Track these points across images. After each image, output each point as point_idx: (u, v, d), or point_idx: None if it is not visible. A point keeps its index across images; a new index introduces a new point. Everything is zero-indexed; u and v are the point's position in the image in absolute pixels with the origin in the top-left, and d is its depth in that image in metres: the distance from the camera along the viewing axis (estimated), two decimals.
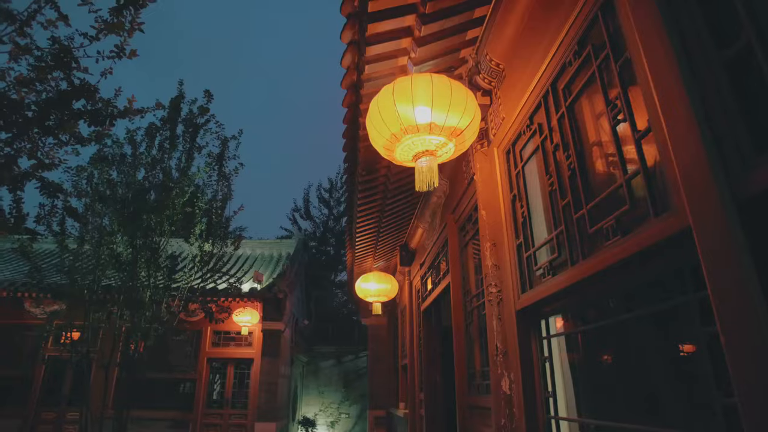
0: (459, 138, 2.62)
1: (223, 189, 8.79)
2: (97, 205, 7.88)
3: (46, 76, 4.45)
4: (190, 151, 8.30)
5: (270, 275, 11.68)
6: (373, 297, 7.35)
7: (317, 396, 15.68)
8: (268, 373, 10.35)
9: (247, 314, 10.27)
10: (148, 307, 7.81)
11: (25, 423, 10.23)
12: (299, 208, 24.06)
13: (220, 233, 8.76)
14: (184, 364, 10.69)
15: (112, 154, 7.95)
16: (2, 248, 12.98)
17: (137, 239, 7.69)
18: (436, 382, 6.23)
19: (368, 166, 4.39)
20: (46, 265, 10.46)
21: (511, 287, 2.88)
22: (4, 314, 10.77)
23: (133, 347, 7.88)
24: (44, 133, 4.68)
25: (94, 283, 7.86)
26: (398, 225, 6.61)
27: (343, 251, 21.85)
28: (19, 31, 4.22)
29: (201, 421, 10.28)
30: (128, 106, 5.18)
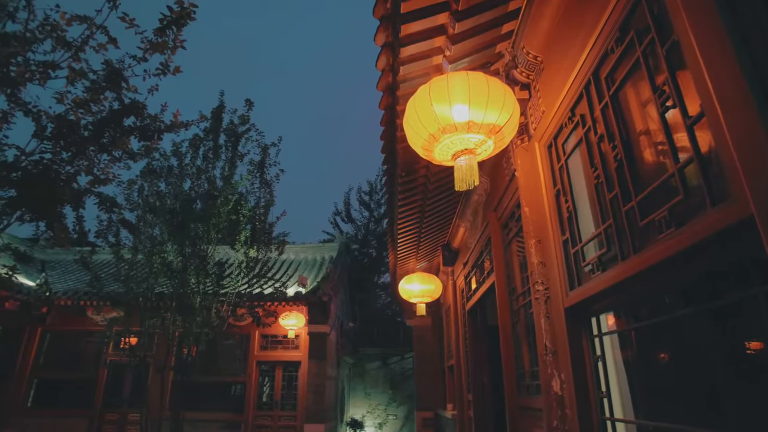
0: (498, 135, 2.58)
1: (266, 195, 9.02)
2: (148, 216, 8.26)
3: (100, 96, 4.71)
4: (232, 160, 8.57)
5: (314, 279, 11.86)
6: (417, 298, 7.33)
7: (364, 398, 15.77)
8: (316, 375, 10.51)
9: (293, 318, 10.47)
10: (199, 313, 8.11)
11: (92, 422, 10.84)
12: (340, 212, 24.35)
13: (264, 239, 8.98)
14: (234, 368, 11.02)
15: (160, 166, 8.32)
16: (65, 260, 13.81)
17: (186, 247, 8.01)
18: (483, 382, 6.14)
19: (407, 167, 4.39)
20: (104, 274, 11.04)
21: (559, 284, 2.80)
22: (68, 321, 11.46)
23: (186, 351, 8.19)
24: (100, 151, 4.95)
25: (148, 290, 8.23)
26: (439, 225, 6.56)
27: (385, 253, 21.92)
28: (74, 57, 4.49)
29: (252, 422, 10.55)
30: (174, 120, 5.40)
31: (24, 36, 4.25)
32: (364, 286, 20.77)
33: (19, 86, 4.37)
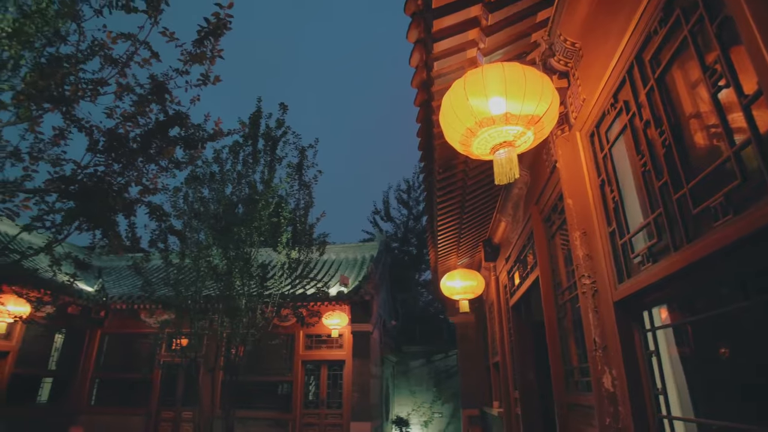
0: (537, 125, 2.52)
1: (305, 197, 9.17)
2: (193, 222, 8.56)
3: (146, 109, 4.92)
4: (271, 164, 8.76)
5: (355, 278, 11.96)
6: (460, 294, 7.26)
7: (409, 396, 15.78)
8: (360, 374, 10.60)
9: (336, 317, 10.60)
10: (245, 314, 8.33)
11: (149, 420, 11.36)
12: (379, 211, 24.44)
13: (305, 240, 9.13)
14: (280, 367, 11.26)
15: (203, 173, 8.60)
16: (119, 266, 14.52)
17: (230, 251, 8.25)
18: (530, 379, 6.01)
19: (445, 162, 4.35)
20: (155, 279, 11.53)
21: (607, 277, 2.70)
22: (124, 324, 12.06)
23: (234, 352, 8.44)
24: (147, 161, 5.17)
25: (196, 293, 8.54)
26: (480, 220, 6.48)
27: (426, 250, 21.82)
28: (120, 72, 4.71)
29: (299, 421, 10.76)
30: (216, 128, 5.57)
31: (75, 56, 4.49)
32: (405, 285, 20.78)
33: (73, 104, 4.62)
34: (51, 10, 4.10)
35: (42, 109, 4.44)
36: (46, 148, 4.58)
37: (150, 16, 4.49)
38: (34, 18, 3.99)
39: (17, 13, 3.97)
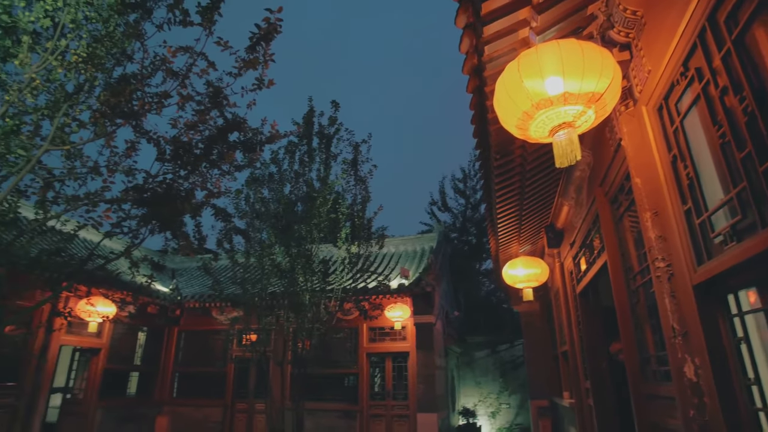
0: (599, 103, 2.38)
1: (361, 192, 9.25)
2: (255, 222, 8.89)
3: (206, 117, 5.15)
4: (326, 161, 8.90)
5: (416, 270, 11.97)
6: (523, 283, 7.08)
7: (475, 387, 15.62)
8: (424, 365, 10.61)
9: (398, 309, 10.66)
10: (309, 309, 8.56)
11: (225, 411, 12.01)
12: (436, 202, 24.25)
13: (364, 234, 9.23)
14: (346, 360, 11.50)
15: (261, 174, 8.89)
16: (190, 267, 15.37)
17: (292, 248, 8.49)
18: (602, 369, 5.76)
19: (501, 148, 4.23)
20: (223, 278, 12.11)
21: (684, 260, 2.52)
22: (198, 322, 12.78)
23: (300, 346, 8.71)
24: (211, 166, 5.43)
25: (262, 290, 8.87)
26: (541, 205, 6.26)
27: (485, 239, 21.45)
28: (181, 84, 4.95)
29: (366, 412, 10.95)
30: (273, 131, 5.74)
31: (141, 73, 4.78)
32: (466, 275, 20.54)
33: (141, 117, 4.92)
34: (118, 32, 4.37)
35: (115, 124, 4.76)
36: (121, 161, 4.92)
37: (205, 28, 4.69)
38: (104, 41, 4.27)
39: (89, 39, 4.26)
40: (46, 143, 4.31)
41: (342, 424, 10.93)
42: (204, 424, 12.05)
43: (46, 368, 9.50)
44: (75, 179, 4.74)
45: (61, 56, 4.17)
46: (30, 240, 4.68)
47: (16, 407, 8.94)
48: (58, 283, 5.02)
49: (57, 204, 4.70)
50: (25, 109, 4.21)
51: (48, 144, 4.32)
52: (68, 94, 4.40)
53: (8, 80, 4.19)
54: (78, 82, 4.47)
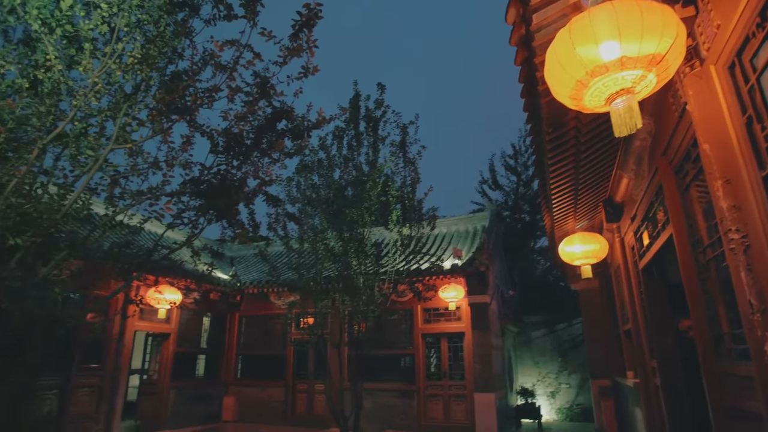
0: (660, 66, 2.22)
1: (411, 173, 9.21)
2: (307, 208, 9.06)
3: (255, 107, 5.27)
4: (374, 144, 8.91)
5: (468, 250, 11.84)
6: (580, 260, 6.83)
7: (532, 366, 15.39)
8: (480, 345, 10.55)
9: (452, 290, 10.61)
10: (363, 292, 8.69)
11: (287, 391, 12.53)
12: (486, 180, 23.78)
13: (415, 216, 9.21)
14: (401, 341, 11.63)
15: (311, 161, 9.02)
16: (247, 254, 15.97)
17: (344, 232, 8.60)
18: (669, 347, 5.50)
19: (554, 121, 4.06)
20: (279, 264, 12.50)
21: (761, 230, 2.33)
22: (257, 307, 13.31)
23: (356, 328, 8.88)
24: (261, 155, 5.57)
25: (317, 275, 9.07)
26: (598, 179, 5.98)
27: (539, 216, 20.89)
28: (230, 77, 5.08)
29: (423, 392, 11.06)
30: (319, 117, 5.79)
31: (191, 69, 4.94)
32: (520, 253, 20.11)
33: (194, 112, 5.10)
34: (168, 32, 4.53)
35: (170, 121, 4.97)
36: (178, 155, 5.13)
37: (248, 20, 4.76)
38: (156, 42, 4.44)
39: (143, 40, 4.45)
40: (110, 143, 4.57)
41: (399, 403, 11.11)
42: (268, 404, 12.62)
43: (123, 352, 10.25)
44: (138, 175, 5.01)
45: (118, 59, 4.38)
46: (102, 234, 5.00)
47: (101, 387, 9.74)
48: (129, 274, 5.35)
49: (123, 199, 4.99)
50: (91, 112, 4.47)
51: (112, 143, 4.57)
52: (127, 95, 4.62)
53: (74, 86, 4.46)
54: (135, 83, 4.69)
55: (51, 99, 4.33)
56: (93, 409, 9.55)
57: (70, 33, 4.36)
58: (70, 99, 4.42)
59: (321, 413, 11.74)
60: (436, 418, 10.81)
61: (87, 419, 9.40)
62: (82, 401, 9.37)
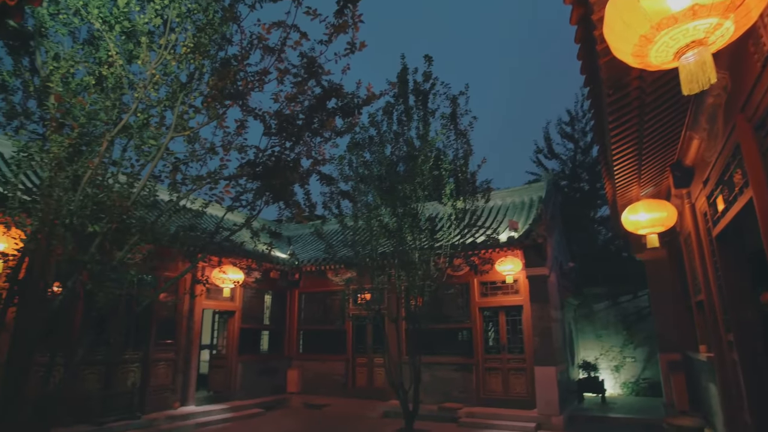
0: (740, 11, 2.00)
1: (463, 146, 9.05)
2: (360, 186, 9.13)
3: (304, 88, 5.31)
4: (424, 118, 8.79)
5: (525, 222, 11.54)
6: (646, 228, 6.47)
7: (595, 340, 14.95)
8: (539, 318, 10.34)
9: (509, 263, 10.42)
10: (419, 267, 8.72)
11: (347, 365, 12.94)
12: (542, 149, 22.87)
13: (469, 189, 9.08)
14: (458, 315, 11.61)
15: (362, 138, 9.04)
16: (304, 233, 16.39)
17: (398, 208, 8.62)
18: (749, 320, 5.14)
19: (614, 82, 3.80)
20: (335, 242, 12.77)
21: None
22: (315, 284, 13.71)
23: (413, 303, 8.95)
24: (313, 135, 5.63)
25: (372, 251, 9.18)
26: (664, 141, 5.59)
27: (599, 185, 19.94)
28: (278, 59, 5.13)
29: (482, 365, 11.04)
30: (368, 93, 5.75)
31: (241, 54, 5.03)
32: (579, 224, 19.35)
33: (246, 96, 5.22)
34: (216, 18, 4.62)
35: (224, 106, 5.11)
36: (233, 139, 5.29)
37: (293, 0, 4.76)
38: (206, 29, 4.55)
39: (194, 29, 4.57)
40: (170, 131, 4.77)
41: (458, 376, 11.17)
42: (329, 377, 13.10)
43: (194, 328, 10.93)
44: (197, 161, 5.22)
45: (172, 50, 4.54)
46: (168, 219, 5.28)
47: (176, 360, 10.47)
48: (194, 255, 5.65)
49: (185, 185, 5.23)
50: (151, 103, 4.68)
51: (172, 132, 4.78)
52: (182, 84, 4.79)
53: (135, 79, 4.68)
54: (189, 72, 4.85)
55: (115, 93, 4.57)
56: (170, 380, 10.31)
57: (128, 28, 4.56)
58: (131, 92, 4.65)
59: (381, 386, 12.03)
60: (495, 391, 10.80)
61: (165, 390, 10.17)
62: (160, 373, 10.13)
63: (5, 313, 4.22)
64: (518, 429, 9.41)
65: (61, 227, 4.25)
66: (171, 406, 10.12)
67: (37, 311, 4.13)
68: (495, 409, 10.30)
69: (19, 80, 4.58)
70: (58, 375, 4.70)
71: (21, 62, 4.61)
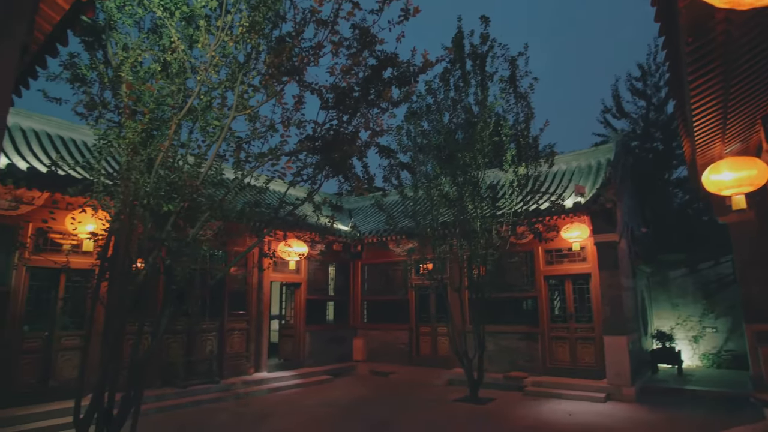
0: None
1: (523, 109, 8.70)
2: (419, 156, 9.05)
3: (359, 59, 5.26)
4: (482, 82, 8.50)
5: (592, 186, 11.00)
6: (731, 189, 5.94)
7: (670, 309, 14.17)
8: (609, 287, 9.92)
9: (575, 230, 10.03)
10: (481, 236, 8.59)
11: (411, 334, 13.17)
12: (609, 108, 21.50)
13: (531, 154, 8.76)
14: (522, 283, 11.38)
15: (419, 107, 8.90)
16: (364, 206, 16.57)
17: (458, 177, 8.48)
18: None
19: (695, 28, 3.44)
20: (395, 213, 12.82)
21: None
22: (377, 255, 13.92)
23: (476, 272, 8.87)
24: (370, 106, 5.60)
25: (433, 221, 9.15)
26: (755, 91, 5.03)
27: (675, 144, 18.57)
28: (332, 31, 5.10)
29: (548, 334, 10.82)
30: (424, 60, 5.61)
31: (295, 30, 5.04)
32: (652, 187, 18.17)
33: (302, 72, 5.25)
34: None
35: (281, 83, 5.17)
36: (292, 115, 5.36)
37: None
38: (260, 8, 4.59)
39: (248, 9, 4.62)
40: (232, 111, 4.92)
41: (523, 345, 11.04)
42: (394, 345, 13.39)
43: (263, 300, 11.50)
44: (258, 138, 5.36)
45: (229, 31, 4.63)
46: (234, 196, 5.50)
47: (248, 330, 11.12)
48: (260, 230, 5.87)
49: (248, 162, 5.40)
50: (212, 85, 4.83)
51: (234, 112, 4.92)
52: (240, 64, 4.89)
53: (196, 63, 4.83)
54: (246, 52, 4.93)
55: (179, 78, 4.76)
56: (244, 348, 10.98)
57: (187, 13, 4.69)
58: (194, 76, 4.81)
59: (445, 354, 12.15)
60: (562, 360, 10.58)
61: (240, 357, 10.85)
62: (234, 342, 10.80)
63: (99, 288, 4.62)
64: (587, 399, 9.21)
65: (139, 207, 4.55)
66: (246, 372, 10.80)
67: (124, 285, 4.48)
68: (562, 378, 10.12)
69: (95, 73, 4.85)
70: (146, 343, 5.12)
71: (96, 56, 4.87)
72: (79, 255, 7.72)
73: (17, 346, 7.52)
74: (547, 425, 7.47)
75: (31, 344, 7.72)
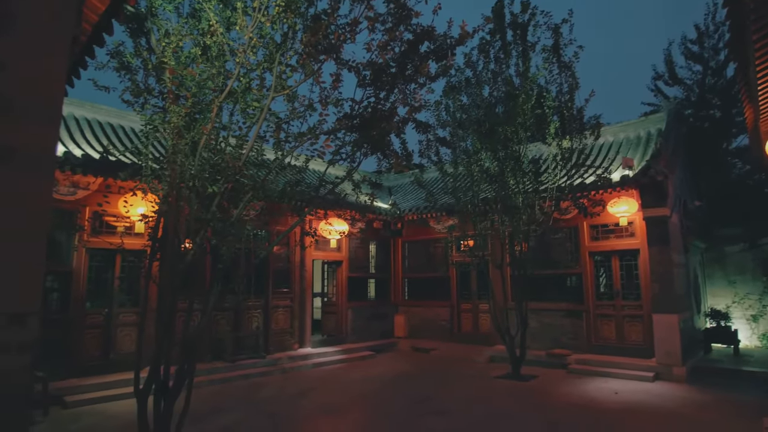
0: None
1: (567, 80, 8.36)
2: (458, 131, 8.88)
3: (395, 34, 5.16)
4: (524, 53, 8.19)
5: (641, 158, 10.49)
6: None
7: (726, 287, 13.48)
8: (659, 263, 9.53)
9: (622, 204, 9.64)
10: (523, 211, 8.41)
11: (452, 311, 13.19)
12: (661, 75, 20.22)
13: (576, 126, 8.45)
14: (566, 260, 11.09)
15: (458, 81, 8.67)
16: (403, 183, 16.51)
17: (499, 152, 8.28)
18: None
19: None
20: (435, 189, 12.71)
21: None
22: (417, 232, 13.92)
23: (518, 248, 8.72)
24: (407, 82, 5.51)
25: (474, 197, 9.01)
26: None
27: (735, 110, 17.38)
28: (368, 7, 5.01)
29: (593, 311, 10.55)
30: (462, 31, 5.45)
31: (330, 7, 4.98)
32: (708, 157, 17.12)
33: (339, 49, 5.21)
34: None
35: (319, 61, 5.15)
36: (329, 94, 5.35)
37: None
38: None
39: None
40: (271, 92, 4.96)
41: (567, 323, 10.84)
42: (435, 322, 13.46)
43: (306, 277, 11.76)
44: (297, 118, 5.39)
45: (265, 11, 4.62)
46: (276, 176, 5.59)
47: (292, 307, 11.44)
48: (301, 209, 5.95)
49: (288, 142, 5.45)
50: (251, 67, 4.87)
51: (272, 92, 4.96)
52: (278, 44, 4.90)
53: (234, 46, 4.88)
54: (283, 32, 4.93)
55: (219, 61, 4.82)
56: (288, 325, 11.32)
57: None
58: (233, 58, 4.87)
59: (486, 331, 12.11)
60: (608, 338, 10.33)
61: (285, 333, 11.21)
62: (279, 318, 11.15)
63: (151, 267, 4.84)
64: (634, 378, 8.98)
65: (185, 190, 4.70)
66: (291, 348, 11.16)
67: (174, 265, 4.68)
68: (608, 356, 9.89)
69: (140, 60, 4.99)
70: (197, 319, 5.36)
71: (139, 43, 5.00)
72: (132, 236, 8.16)
73: (81, 321, 8.07)
74: (593, 402, 7.36)
75: (93, 320, 8.27)
